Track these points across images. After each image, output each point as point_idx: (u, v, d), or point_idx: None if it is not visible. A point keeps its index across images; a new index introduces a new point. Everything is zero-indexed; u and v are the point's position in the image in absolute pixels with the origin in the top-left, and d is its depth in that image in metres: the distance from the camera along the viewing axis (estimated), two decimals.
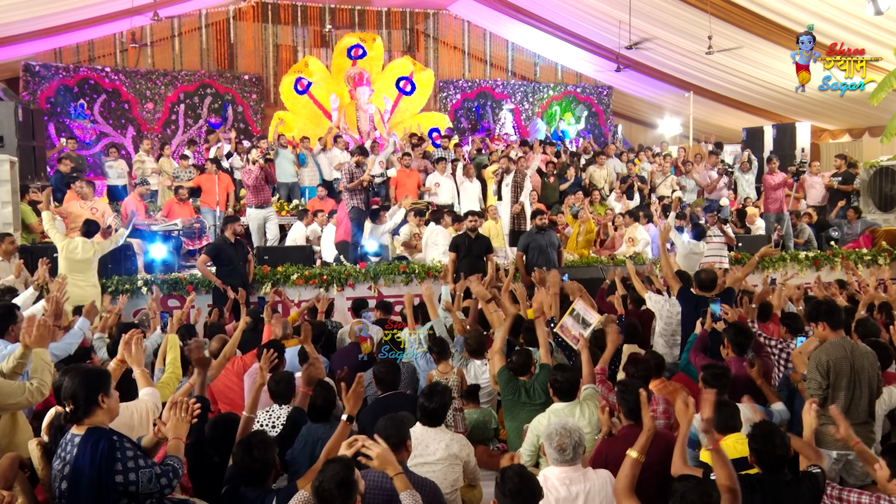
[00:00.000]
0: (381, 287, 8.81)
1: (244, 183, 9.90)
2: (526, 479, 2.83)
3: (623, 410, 3.84)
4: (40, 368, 3.55)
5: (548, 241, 8.51)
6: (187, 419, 3.09)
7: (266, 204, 9.96)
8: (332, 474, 2.67)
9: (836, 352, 4.19)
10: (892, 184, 11.42)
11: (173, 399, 3.20)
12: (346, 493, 2.65)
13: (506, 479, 2.81)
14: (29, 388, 3.49)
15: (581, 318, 4.56)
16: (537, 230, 8.55)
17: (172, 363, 4.46)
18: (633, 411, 3.73)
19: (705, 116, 17.41)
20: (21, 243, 8.25)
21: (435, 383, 4.40)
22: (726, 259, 9.18)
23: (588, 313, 4.56)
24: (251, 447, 3.20)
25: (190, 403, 3.13)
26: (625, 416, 3.83)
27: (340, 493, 2.64)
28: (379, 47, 15.81)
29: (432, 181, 11.42)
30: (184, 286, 8.29)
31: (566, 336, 4.57)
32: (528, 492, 2.78)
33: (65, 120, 14.97)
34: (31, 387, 3.49)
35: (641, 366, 4.53)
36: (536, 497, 2.81)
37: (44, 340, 3.60)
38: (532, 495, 2.79)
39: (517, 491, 2.77)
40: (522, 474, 2.85)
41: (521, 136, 16.96)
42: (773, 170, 11.35)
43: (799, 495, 3.11)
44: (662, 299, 6.32)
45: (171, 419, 3.07)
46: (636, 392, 3.66)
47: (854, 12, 11.25)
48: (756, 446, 3.18)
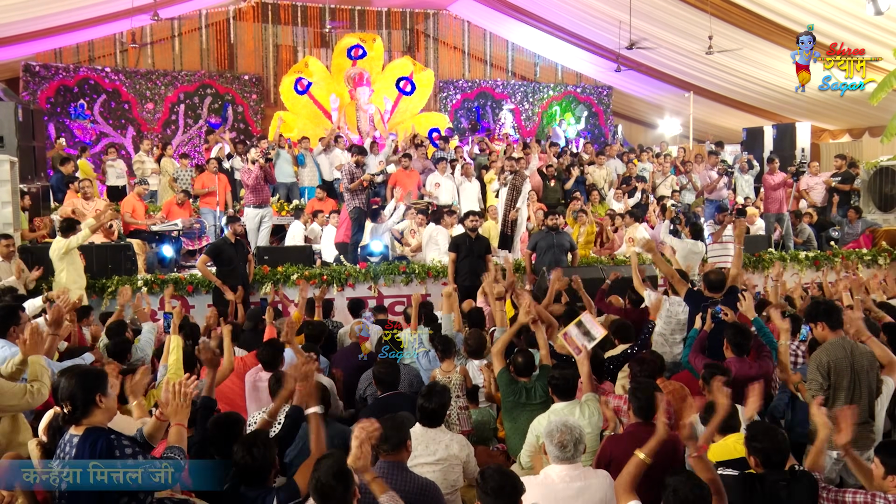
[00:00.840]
0: (381, 287, 8.81)
1: (243, 183, 9.91)
2: (507, 476, 2.83)
3: (633, 408, 3.84)
4: (39, 373, 3.61)
5: (557, 242, 8.47)
6: (187, 402, 3.06)
7: (265, 204, 9.97)
8: (327, 468, 2.71)
9: (837, 352, 4.19)
10: (892, 184, 11.42)
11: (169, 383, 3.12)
12: (343, 483, 2.70)
13: (486, 477, 2.81)
14: (29, 391, 3.55)
15: (586, 331, 4.56)
16: (548, 230, 8.57)
17: (174, 364, 4.47)
18: (643, 409, 3.75)
19: (705, 116, 17.41)
20: (21, 243, 8.26)
21: (433, 383, 4.40)
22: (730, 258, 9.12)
23: (594, 327, 4.57)
24: (252, 446, 3.21)
25: (185, 382, 3.08)
26: (634, 413, 3.84)
27: (339, 484, 2.68)
28: (379, 47, 15.81)
29: (432, 181, 11.42)
30: (184, 286, 8.29)
31: (569, 345, 4.57)
32: (510, 488, 2.78)
33: (65, 120, 14.97)
34: (31, 389, 3.55)
35: (647, 366, 4.53)
36: (518, 493, 2.81)
37: (37, 347, 3.67)
38: (514, 491, 2.79)
39: (499, 488, 2.77)
40: (503, 472, 2.87)
41: (521, 137, 16.97)
42: (773, 170, 11.35)
43: (797, 494, 3.12)
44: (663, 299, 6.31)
45: (171, 404, 3.04)
46: (649, 391, 3.70)
47: (854, 12, 11.26)
48: (757, 444, 3.18)
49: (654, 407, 3.74)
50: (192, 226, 9.89)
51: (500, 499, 2.76)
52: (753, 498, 3.10)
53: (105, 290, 8.02)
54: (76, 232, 7.25)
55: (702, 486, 2.81)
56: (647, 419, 3.75)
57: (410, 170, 11.34)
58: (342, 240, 9.38)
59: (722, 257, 9.03)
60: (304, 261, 8.96)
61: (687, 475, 2.88)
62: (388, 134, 14.94)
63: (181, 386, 3.07)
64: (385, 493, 2.93)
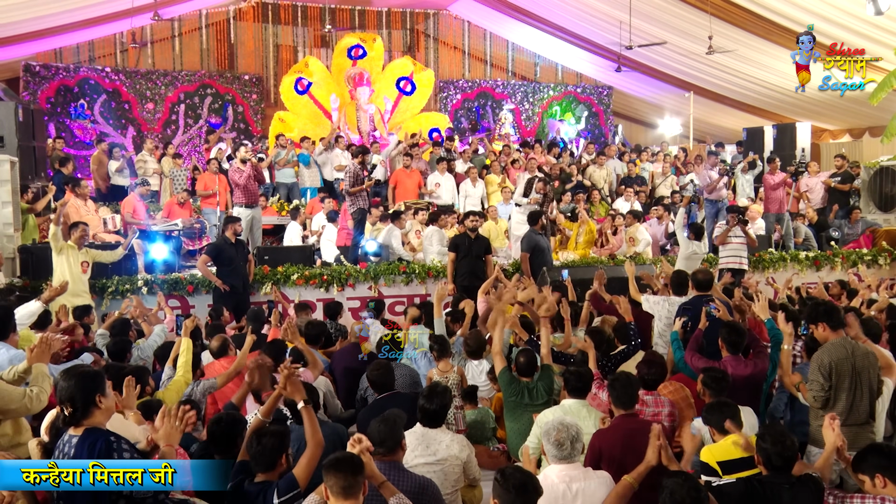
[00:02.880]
0: (381, 287, 8.81)
1: (233, 181, 9.70)
2: (528, 475, 2.87)
3: (612, 399, 3.88)
4: (40, 378, 3.71)
5: (546, 243, 8.64)
6: (181, 427, 3.11)
7: (255, 203, 9.82)
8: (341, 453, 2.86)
9: (838, 353, 4.18)
10: (892, 184, 11.42)
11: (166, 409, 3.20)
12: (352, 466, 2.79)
13: (507, 475, 2.84)
14: (29, 395, 3.62)
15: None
16: (542, 230, 8.62)
17: (183, 366, 4.50)
18: (621, 399, 3.81)
19: (705, 116, 17.41)
20: (21, 243, 8.26)
21: (435, 384, 4.40)
22: (746, 261, 8.94)
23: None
24: (262, 435, 3.25)
25: (184, 410, 3.14)
26: (614, 404, 3.88)
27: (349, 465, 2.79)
28: (379, 47, 15.80)
29: (433, 181, 11.42)
30: (184, 286, 8.29)
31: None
32: (531, 486, 2.82)
33: (65, 120, 14.96)
34: (31, 394, 3.62)
35: (656, 369, 4.54)
36: (539, 491, 2.85)
37: (44, 357, 3.79)
38: (535, 489, 2.83)
39: (521, 485, 2.79)
40: (523, 470, 2.91)
41: (521, 137, 16.97)
42: (773, 170, 11.35)
43: (801, 498, 3.11)
44: (661, 299, 6.32)
45: (164, 426, 3.08)
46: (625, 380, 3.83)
47: (854, 12, 11.25)
48: (765, 446, 3.18)
49: (634, 396, 3.81)
50: (193, 226, 9.89)
51: (522, 495, 2.79)
52: (755, 499, 3.10)
53: (105, 290, 8.02)
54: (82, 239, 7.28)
55: (698, 489, 2.82)
56: (629, 408, 3.79)
57: (411, 170, 11.34)
58: (344, 242, 9.36)
59: (738, 258, 8.78)
60: (304, 261, 8.95)
61: (684, 477, 2.89)
62: (388, 134, 14.95)
63: (182, 412, 3.10)
64: (394, 497, 2.97)
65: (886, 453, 3.18)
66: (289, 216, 11.20)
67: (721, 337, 4.82)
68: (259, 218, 10.07)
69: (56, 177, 10.63)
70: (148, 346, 5.61)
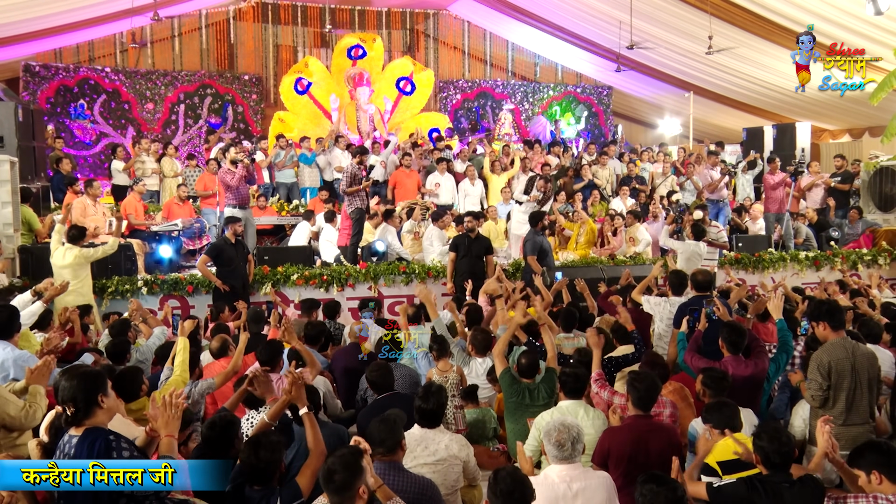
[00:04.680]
0: (381, 287, 8.81)
1: (224, 182, 9.48)
2: (518, 481, 2.84)
3: (632, 398, 3.85)
4: (37, 397, 3.87)
5: (548, 244, 8.60)
6: (178, 414, 3.07)
7: (246, 204, 9.61)
8: (339, 454, 2.81)
9: (838, 352, 4.18)
10: (892, 184, 11.42)
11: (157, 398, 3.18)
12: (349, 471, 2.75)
13: (498, 479, 2.82)
14: (27, 409, 3.79)
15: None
16: (543, 231, 8.61)
17: (180, 365, 4.50)
18: (642, 399, 3.78)
19: (705, 116, 17.40)
20: (21, 243, 8.26)
21: (429, 384, 4.39)
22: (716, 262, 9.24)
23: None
24: (259, 447, 3.22)
25: (174, 395, 3.10)
26: (633, 404, 3.85)
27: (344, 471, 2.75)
28: (379, 47, 15.80)
29: (432, 181, 11.41)
30: (184, 286, 8.29)
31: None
32: (519, 493, 2.79)
33: (65, 120, 14.96)
34: (28, 408, 3.79)
35: (659, 369, 4.54)
36: (528, 499, 2.82)
37: (42, 379, 3.93)
38: (523, 497, 2.80)
39: (509, 492, 2.78)
40: (515, 476, 2.87)
41: (521, 136, 16.96)
42: (773, 170, 11.34)
43: (801, 497, 3.11)
44: (662, 300, 6.31)
45: (161, 416, 3.05)
46: (649, 380, 3.77)
47: (854, 12, 11.25)
48: (762, 444, 3.18)
49: (654, 398, 3.78)
50: (193, 226, 9.88)
51: (509, 502, 2.77)
52: (755, 499, 3.09)
53: (105, 290, 8.02)
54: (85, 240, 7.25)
55: (675, 488, 2.81)
56: (646, 410, 3.77)
57: (411, 170, 11.33)
58: (345, 243, 9.34)
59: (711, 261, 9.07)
60: (304, 261, 8.95)
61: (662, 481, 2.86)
62: (388, 134, 14.94)
63: (171, 398, 3.08)
64: (391, 501, 2.96)
65: (884, 450, 3.19)
66: (289, 216, 11.19)
67: (721, 337, 4.82)
68: (252, 220, 9.90)
69: (55, 178, 10.62)
70: (148, 349, 5.61)
